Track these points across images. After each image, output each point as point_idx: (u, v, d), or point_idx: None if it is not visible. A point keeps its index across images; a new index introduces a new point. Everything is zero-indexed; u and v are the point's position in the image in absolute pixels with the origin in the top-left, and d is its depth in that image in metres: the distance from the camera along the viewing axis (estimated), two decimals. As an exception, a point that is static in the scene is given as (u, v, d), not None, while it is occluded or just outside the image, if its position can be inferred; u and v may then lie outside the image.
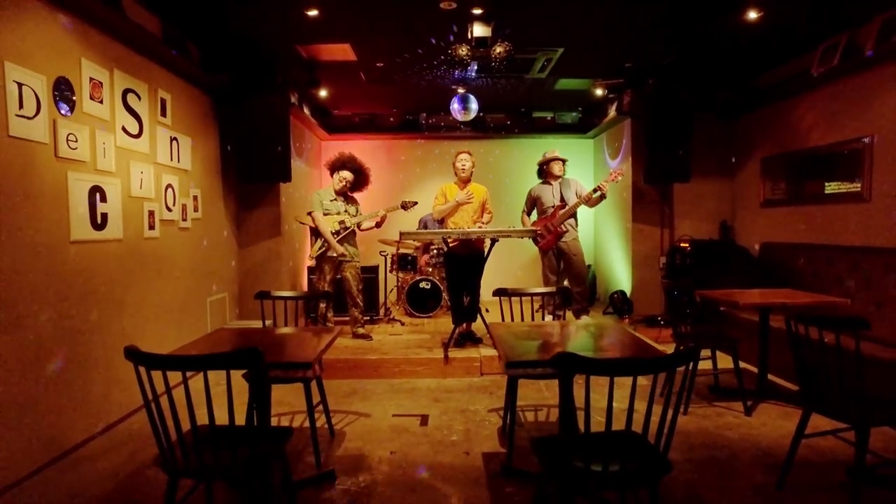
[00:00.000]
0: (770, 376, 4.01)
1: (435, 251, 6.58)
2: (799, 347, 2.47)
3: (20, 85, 2.69)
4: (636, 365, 1.72)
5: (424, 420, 3.54)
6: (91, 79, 3.25)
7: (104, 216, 3.38)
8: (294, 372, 2.90)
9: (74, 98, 3.11)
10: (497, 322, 3.15)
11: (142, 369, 1.80)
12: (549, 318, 5.24)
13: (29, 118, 2.75)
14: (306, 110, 6.32)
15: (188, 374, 1.89)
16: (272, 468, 2.13)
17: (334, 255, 4.91)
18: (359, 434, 3.33)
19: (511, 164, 7.80)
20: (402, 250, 6.59)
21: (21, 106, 2.70)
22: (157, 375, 1.80)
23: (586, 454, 1.74)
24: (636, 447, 1.85)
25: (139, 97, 3.79)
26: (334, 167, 5.06)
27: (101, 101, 3.36)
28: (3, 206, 2.61)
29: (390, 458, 2.97)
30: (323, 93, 6.02)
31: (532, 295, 3.43)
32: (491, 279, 5.31)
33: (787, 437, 2.68)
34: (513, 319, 3.37)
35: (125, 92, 3.63)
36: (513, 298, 3.35)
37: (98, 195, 3.31)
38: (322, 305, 4.72)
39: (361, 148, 7.73)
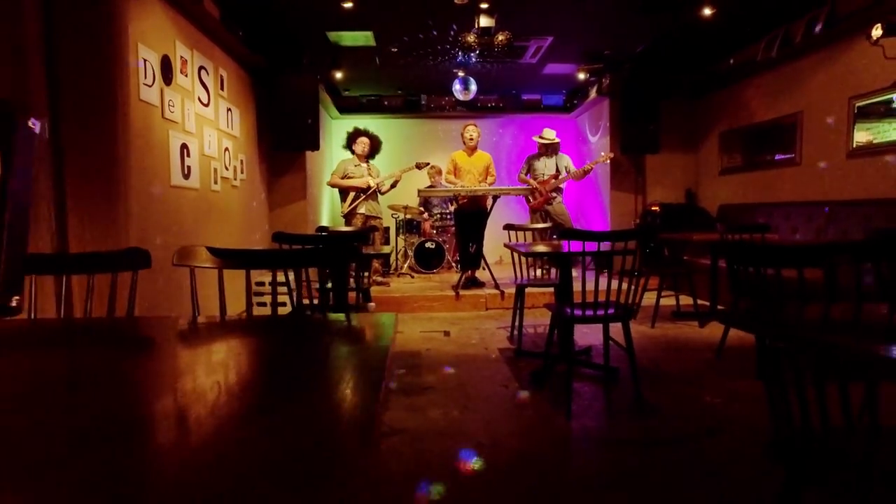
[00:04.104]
0: (720, 307, 4.99)
1: (438, 215, 7.46)
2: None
3: (145, 60, 3.48)
4: (611, 234, 2.64)
5: (447, 333, 4.45)
6: (181, 57, 4.04)
7: (189, 168, 4.18)
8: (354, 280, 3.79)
9: (172, 72, 3.90)
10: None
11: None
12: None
13: (149, 86, 3.55)
14: (323, 90, 7.10)
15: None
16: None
17: (363, 212, 5.75)
18: (397, 341, 4.22)
19: (503, 140, 8.69)
20: (408, 216, 7.44)
21: (145, 76, 3.49)
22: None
23: (582, 307, 2.65)
24: (613, 303, 2.77)
25: (208, 73, 4.58)
26: (353, 138, 5.90)
27: (187, 76, 4.15)
28: (136, 154, 3.41)
29: (427, 353, 3.87)
30: (339, 75, 6.82)
31: (533, 230, 4.35)
32: (490, 237, 6.21)
33: (731, 337, 3.65)
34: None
35: (199, 69, 4.42)
36: (518, 232, 4.26)
37: (185, 151, 4.11)
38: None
39: (368, 126, 8.53)
